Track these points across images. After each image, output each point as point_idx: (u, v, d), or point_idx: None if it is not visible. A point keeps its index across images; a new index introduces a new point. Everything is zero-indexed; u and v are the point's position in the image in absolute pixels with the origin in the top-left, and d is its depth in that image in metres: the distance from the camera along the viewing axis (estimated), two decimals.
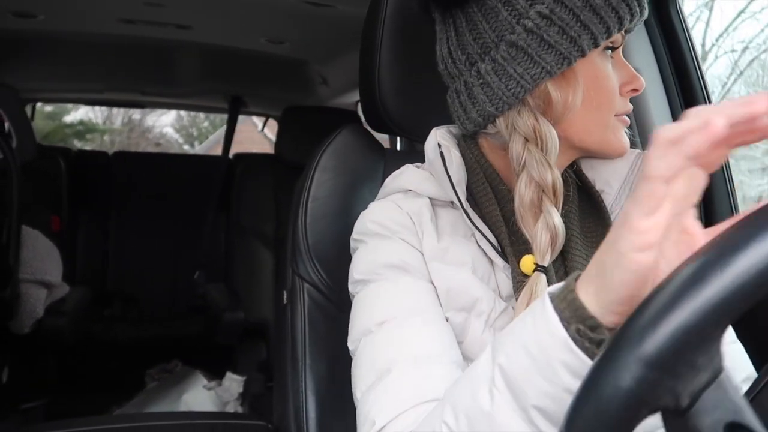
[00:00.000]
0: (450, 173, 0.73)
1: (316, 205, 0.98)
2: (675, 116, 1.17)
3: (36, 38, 2.34)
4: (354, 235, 0.81)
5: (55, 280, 2.08)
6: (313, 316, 0.95)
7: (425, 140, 0.82)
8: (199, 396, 2.17)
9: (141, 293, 2.83)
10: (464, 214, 0.73)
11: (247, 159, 2.82)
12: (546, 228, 0.69)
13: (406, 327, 0.69)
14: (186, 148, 11.40)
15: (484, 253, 0.74)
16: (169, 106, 3.65)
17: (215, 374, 2.32)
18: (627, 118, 0.75)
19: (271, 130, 3.09)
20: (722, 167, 1.16)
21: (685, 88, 1.19)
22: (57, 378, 2.43)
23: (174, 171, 3.02)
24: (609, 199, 0.79)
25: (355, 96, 2.51)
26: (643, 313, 0.35)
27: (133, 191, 2.92)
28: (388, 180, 0.83)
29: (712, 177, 1.15)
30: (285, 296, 1.00)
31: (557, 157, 0.72)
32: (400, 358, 0.66)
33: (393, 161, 1.03)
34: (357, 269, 0.77)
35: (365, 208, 0.86)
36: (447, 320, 0.73)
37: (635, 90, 0.74)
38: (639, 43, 1.16)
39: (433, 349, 0.68)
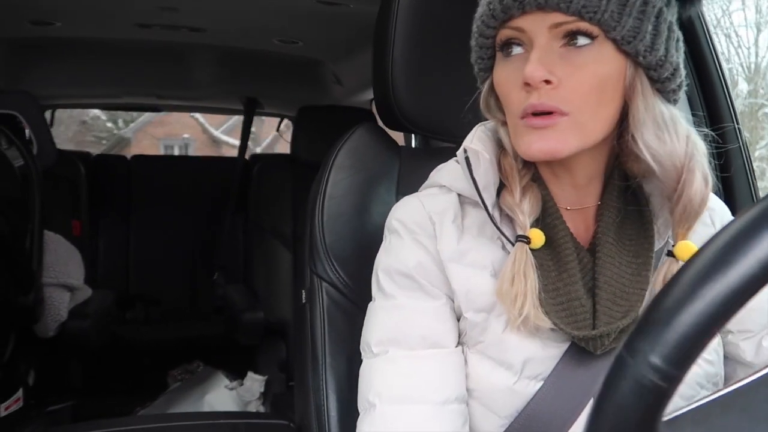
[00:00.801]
0: (476, 177, 0.73)
1: (333, 203, 0.98)
2: (696, 117, 1.16)
3: (54, 45, 2.37)
4: (385, 227, 0.82)
5: (78, 284, 2.10)
6: (332, 314, 0.95)
7: (440, 137, 0.82)
8: (222, 396, 2.19)
9: (162, 295, 2.86)
10: (490, 219, 0.73)
11: (263, 159, 2.84)
12: (514, 202, 0.73)
13: (399, 360, 0.74)
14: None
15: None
16: (185, 109, 3.69)
17: (237, 374, 2.33)
18: (534, 119, 0.67)
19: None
20: (742, 159, 1.15)
21: (707, 94, 1.17)
22: (82, 380, 2.47)
23: (192, 173, 3.04)
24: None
25: (369, 94, 2.51)
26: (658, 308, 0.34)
27: (152, 194, 2.95)
28: (433, 172, 0.83)
29: (733, 168, 1.14)
30: (303, 295, 1.00)
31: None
32: (385, 395, 0.73)
33: (408, 159, 1.03)
34: (378, 267, 0.80)
35: (382, 205, 0.87)
36: (466, 319, 0.75)
37: (526, 84, 0.66)
38: None
39: (417, 389, 0.72)
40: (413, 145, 2.17)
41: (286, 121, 3.22)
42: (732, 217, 0.76)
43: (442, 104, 0.95)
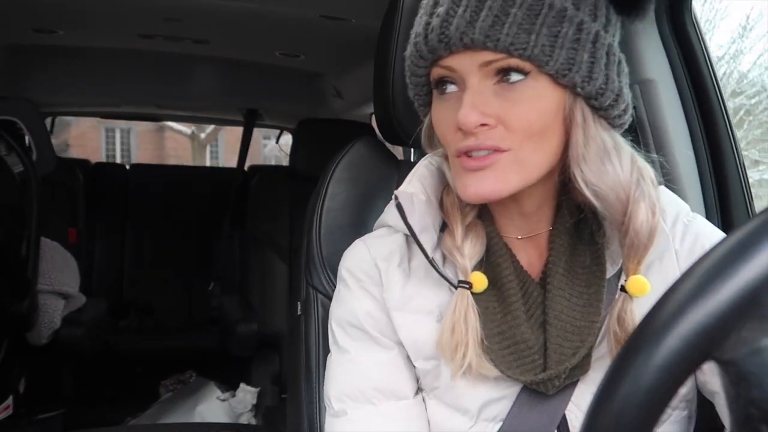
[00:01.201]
0: (410, 222, 0.72)
1: (330, 216, 0.99)
2: (690, 126, 1.16)
3: (55, 53, 2.38)
4: (337, 276, 0.81)
5: (73, 291, 2.10)
6: (327, 326, 0.95)
7: (439, 152, 0.82)
8: (213, 407, 2.17)
9: (157, 304, 2.85)
10: (430, 263, 0.71)
11: (261, 171, 2.84)
12: (453, 245, 0.71)
13: (358, 421, 0.73)
14: None
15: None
16: (185, 119, 3.69)
17: (229, 385, 2.32)
18: (470, 160, 0.64)
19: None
20: (738, 172, 1.15)
21: (700, 96, 1.18)
22: (73, 388, 2.45)
23: (189, 182, 3.05)
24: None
25: (369, 108, 2.52)
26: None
27: (149, 203, 2.95)
28: (385, 210, 0.81)
29: (729, 180, 1.14)
30: (299, 307, 1.00)
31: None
32: None
33: (407, 173, 1.03)
34: (332, 318, 0.80)
35: None
36: (414, 377, 0.75)
37: (459, 129, 0.63)
38: (653, 53, 1.15)
39: None
40: (412, 159, 2.17)
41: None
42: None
43: None
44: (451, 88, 0.66)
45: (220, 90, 2.87)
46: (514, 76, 0.63)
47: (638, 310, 0.67)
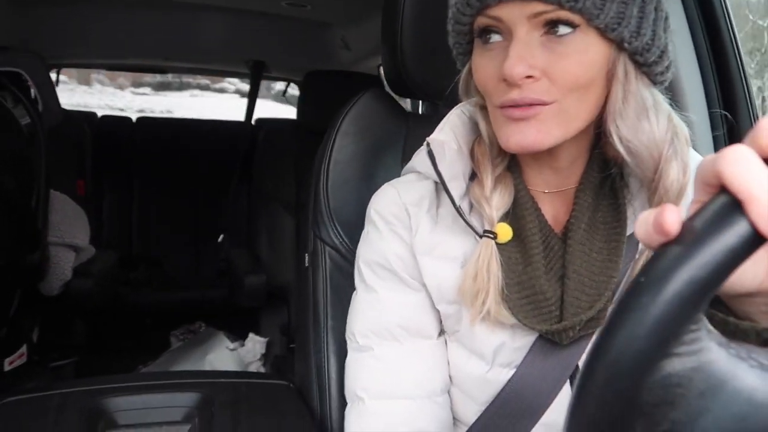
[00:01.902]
0: (440, 170, 0.73)
1: (338, 169, 0.98)
2: (706, 85, 1.14)
3: (61, 3, 2.34)
4: (366, 217, 0.83)
5: (83, 244, 2.11)
6: (334, 278, 0.96)
7: (448, 104, 0.81)
8: (223, 356, 2.21)
9: (165, 257, 2.87)
10: (457, 212, 0.72)
11: (269, 124, 2.82)
12: (482, 195, 0.72)
13: (384, 357, 0.77)
14: None
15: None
16: (192, 71, 3.65)
17: (238, 336, 2.36)
18: (514, 110, 0.64)
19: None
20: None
21: (719, 58, 1.16)
22: (85, 338, 2.50)
23: (197, 136, 3.04)
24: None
25: (377, 60, 2.48)
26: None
27: (156, 156, 2.94)
28: (414, 155, 0.82)
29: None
30: (306, 259, 1.01)
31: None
32: (372, 390, 0.77)
33: (415, 125, 1.02)
34: (360, 257, 0.82)
35: (387, 172, 0.87)
36: (438, 319, 0.77)
37: (503, 80, 0.63)
38: (669, 4, 1.12)
39: (403, 385, 0.76)
40: (420, 112, 2.15)
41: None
42: None
43: (451, 70, 0.94)
44: (495, 38, 0.66)
45: (227, 41, 2.83)
46: (563, 29, 0.62)
47: None
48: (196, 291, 2.73)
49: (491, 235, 0.70)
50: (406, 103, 2.15)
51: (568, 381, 0.73)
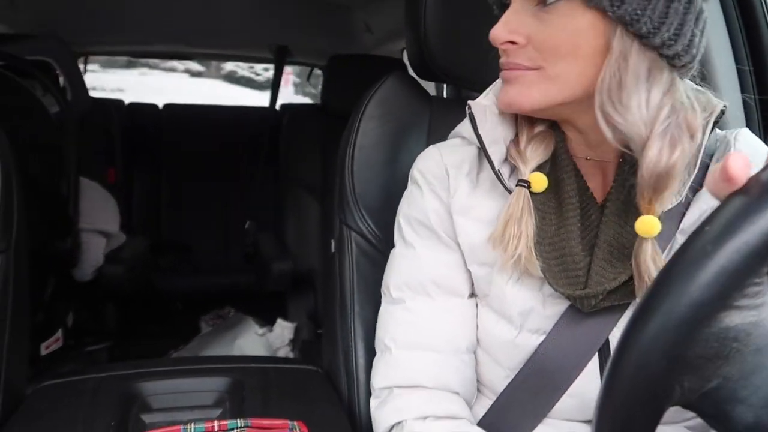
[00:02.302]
0: (481, 133, 0.74)
1: (362, 154, 0.98)
2: (738, 61, 1.11)
3: None
4: (409, 176, 0.85)
5: (113, 230, 2.15)
6: (360, 264, 0.96)
7: (472, 87, 0.81)
8: (252, 341, 2.24)
9: (194, 243, 2.91)
10: (494, 174, 0.74)
11: (293, 109, 2.83)
12: (518, 149, 0.74)
13: (415, 309, 0.79)
14: None
15: None
16: (216, 57, 3.67)
17: (266, 321, 2.38)
18: (503, 72, 0.71)
19: None
20: None
21: (749, 27, 1.12)
22: (118, 323, 2.54)
23: (222, 122, 3.05)
24: None
25: (401, 43, 2.47)
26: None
27: (183, 142, 2.97)
28: (462, 122, 0.84)
29: None
30: (333, 245, 1.01)
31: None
32: (400, 340, 0.79)
33: (439, 109, 1.02)
34: (400, 213, 0.84)
35: (411, 156, 0.87)
36: (470, 279, 0.79)
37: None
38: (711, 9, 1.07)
39: (429, 338, 0.77)
40: (445, 95, 2.13)
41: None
42: None
43: (475, 53, 0.93)
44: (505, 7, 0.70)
45: (250, 26, 2.83)
46: None
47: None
48: (224, 276, 2.76)
49: (524, 184, 0.72)
50: (430, 87, 2.13)
51: (597, 354, 0.73)
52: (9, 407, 0.93)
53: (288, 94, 4.24)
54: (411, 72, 1.04)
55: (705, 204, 0.70)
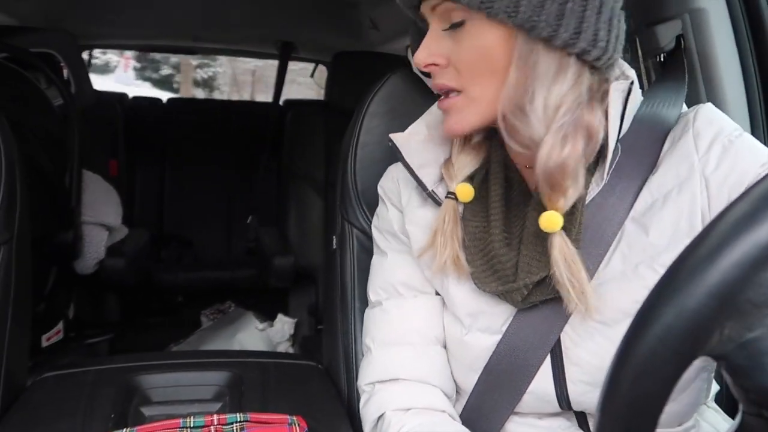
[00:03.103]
0: (408, 161, 0.80)
1: (365, 151, 0.98)
2: (743, 61, 1.10)
3: None
4: None
5: (115, 223, 2.15)
6: (361, 260, 0.96)
7: None
8: (252, 336, 2.24)
9: (197, 236, 2.91)
10: (428, 195, 0.80)
11: (297, 105, 2.83)
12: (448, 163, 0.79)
13: (389, 309, 0.84)
14: None
15: None
16: (221, 52, 3.66)
17: (267, 316, 2.39)
18: (440, 102, 0.73)
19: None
20: None
21: (755, 29, 1.12)
22: (119, 316, 2.55)
23: (226, 117, 3.05)
24: None
25: (405, 41, 2.46)
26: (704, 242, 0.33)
27: (187, 137, 2.97)
28: None
29: None
30: (334, 241, 1.01)
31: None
32: (377, 339, 0.84)
33: None
34: (374, 225, 0.91)
35: None
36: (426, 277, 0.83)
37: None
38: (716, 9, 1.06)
39: (403, 333, 0.82)
40: None
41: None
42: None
43: None
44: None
45: (256, 22, 2.83)
46: (455, 18, 0.68)
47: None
48: (225, 270, 2.76)
49: (451, 196, 0.77)
50: None
51: (550, 353, 0.74)
52: (9, 398, 0.93)
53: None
54: (415, 70, 1.04)
55: (657, 191, 0.71)
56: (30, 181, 1.02)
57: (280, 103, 3.08)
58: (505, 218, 0.75)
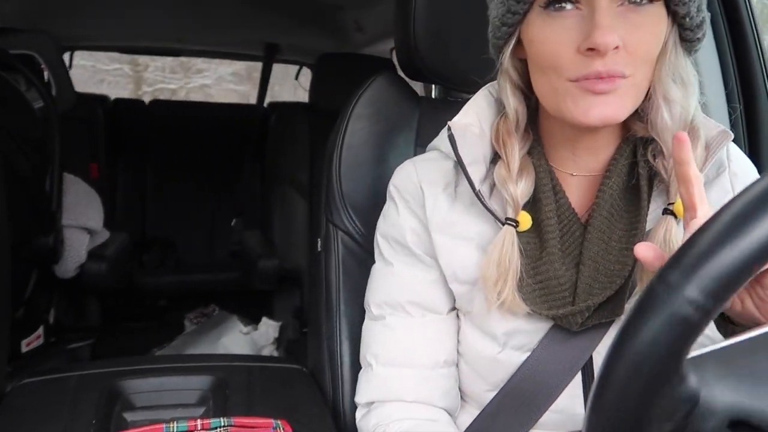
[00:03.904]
0: (461, 154, 0.72)
1: (350, 153, 0.98)
2: (723, 67, 1.11)
3: None
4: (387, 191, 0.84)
5: (97, 226, 2.13)
6: (346, 263, 0.96)
7: (461, 88, 0.80)
8: (237, 340, 2.23)
9: (179, 239, 2.89)
10: (477, 197, 0.72)
11: (281, 107, 2.82)
12: (509, 178, 0.71)
13: (394, 326, 0.79)
14: None
15: (499, 227, 0.72)
16: (205, 54, 3.64)
17: (251, 319, 2.37)
18: (599, 83, 0.63)
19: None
20: None
21: (734, 34, 1.13)
22: (100, 320, 2.52)
23: (210, 119, 3.04)
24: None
25: (390, 43, 2.46)
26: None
27: (169, 139, 2.95)
28: (440, 133, 0.82)
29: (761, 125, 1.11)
30: (319, 244, 1.01)
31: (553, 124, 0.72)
32: (381, 357, 0.79)
33: (428, 110, 1.01)
34: (378, 230, 0.83)
35: (400, 156, 0.87)
36: (450, 295, 0.78)
37: (590, 49, 0.61)
38: None
39: (409, 355, 0.78)
40: (433, 96, 2.14)
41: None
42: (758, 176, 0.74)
43: (464, 54, 0.93)
44: (568, 6, 0.64)
45: (240, 24, 2.82)
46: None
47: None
48: (209, 273, 2.75)
49: (513, 224, 0.70)
50: (418, 87, 2.14)
51: (581, 371, 0.73)
52: None
53: None
54: (400, 72, 1.04)
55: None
56: (9, 184, 1.00)
57: (265, 105, 3.07)
58: (561, 236, 0.72)
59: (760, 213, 0.32)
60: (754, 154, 1.12)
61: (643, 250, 0.55)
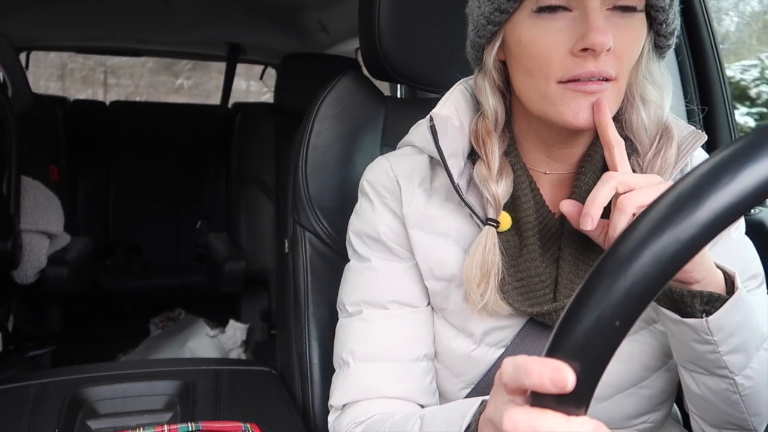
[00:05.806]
0: (442, 146, 0.71)
1: (317, 154, 0.98)
2: (687, 94, 1.14)
3: None
4: (359, 188, 0.82)
5: (57, 230, 2.08)
6: (314, 264, 0.96)
7: (427, 87, 0.80)
8: (203, 343, 2.20)
9: (144, 243, 2.84)
10: (456, 191, 0.71)
11: (246, 108, 2.79)
12: (490, 177, 0.71)
13: (371, 320, 0.77)
14: None
15: (477, 224, 0.73)
16: (167, 54, 3.59)
17: (218, 322, 2.35)
18: (589, 84, 0.63)
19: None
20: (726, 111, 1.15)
21: (698, 61, 1.16)
22: (62, 326, 2.47)
23: (173, 120, 2.99)
24: None
25: (355, 43, 2.46)
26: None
27: (132, 141, 2.90)
28: (411, 129, 0.82)
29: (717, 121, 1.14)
30: (286, 245, 1.00)
31: (532, 126, 0.72)
32: (358, 353, 0.76)
33: (394, 109, 1.02)
34: (350, 228, 0.82)
35: (366, 156, 0.87)
36: (427, 289, 0.77)
37: (584, 49, 0.62)
38: None
39: (388, 348, 0.75)
40: (399, 96, 2.14)
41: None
42: None
43: (429, 54, 0.94)
44: (560, 8, 0.64)
45: (202, 23, 2.79)
46: (634, 2, 0.64)
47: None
48: (175, 277, 2.71)
49: (494, 224, 0.70)
50: (384, 87, 2.14)
51: None
52: None
53: None
54: (365, 72, 1.04)
55: None
56: None
57: (229, 105, 3.04)
58: (539, 234, 0.72)
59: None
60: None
61: (567, 205, 0.62)
